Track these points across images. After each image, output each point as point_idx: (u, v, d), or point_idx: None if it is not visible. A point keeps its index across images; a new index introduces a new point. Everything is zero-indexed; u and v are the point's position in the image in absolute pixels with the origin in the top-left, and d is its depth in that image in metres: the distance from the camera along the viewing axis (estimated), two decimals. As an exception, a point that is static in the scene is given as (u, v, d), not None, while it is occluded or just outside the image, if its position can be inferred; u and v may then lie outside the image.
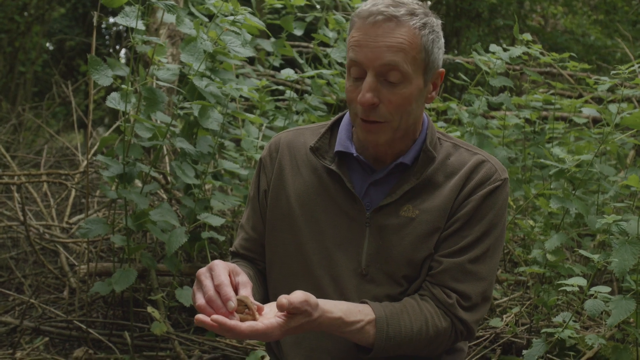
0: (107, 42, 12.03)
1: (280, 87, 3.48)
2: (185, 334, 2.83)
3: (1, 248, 3.93)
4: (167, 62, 2.75)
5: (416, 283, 1.50)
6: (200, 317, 1.21)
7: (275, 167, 1.59)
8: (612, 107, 3.03)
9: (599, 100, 4.44)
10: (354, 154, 1.51)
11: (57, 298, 3.28)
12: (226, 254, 3.14)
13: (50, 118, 8.34)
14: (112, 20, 11.71)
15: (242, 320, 1.23)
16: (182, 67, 2.85)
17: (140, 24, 2.40)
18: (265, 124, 3.40)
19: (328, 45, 3.65)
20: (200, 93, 2.71)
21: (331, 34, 3.53)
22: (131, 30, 2.44)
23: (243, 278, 1.31)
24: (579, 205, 2.61)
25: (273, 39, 3.43)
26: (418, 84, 1.43)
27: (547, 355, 2.38)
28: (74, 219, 4.09)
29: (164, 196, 3.75)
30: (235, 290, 1.29)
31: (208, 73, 2.76)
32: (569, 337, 2.20)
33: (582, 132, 3.53)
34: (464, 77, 3.37)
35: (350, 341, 1.41)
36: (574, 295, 2.76)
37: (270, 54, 3.78)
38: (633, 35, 8.43)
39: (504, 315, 2.85)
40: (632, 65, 2.73)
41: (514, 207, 3.31)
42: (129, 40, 2.50)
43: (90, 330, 2.78)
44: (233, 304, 1.23)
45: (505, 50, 3.13)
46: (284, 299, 1.24)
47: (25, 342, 2.84)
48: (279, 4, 3.37)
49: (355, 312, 1.37)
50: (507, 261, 3.49)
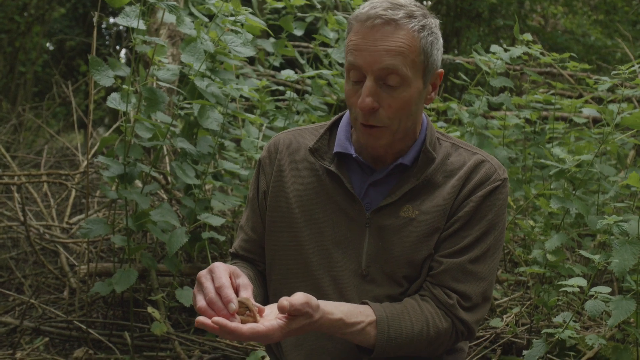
0: (107, 42, 12.03)
1: (281, 88, 3.48)
2: (186, 334, 2.83)
3: (1, 248, 3.92)
4: (168, 63, 2.75)
5: (416, 283, 1.49)
6: (201, 319, 1.21)
7: (275, 168, 1.59)
8: (612, 107, 3.03)
9: (599, 100, 4.44)
10: (353, 155, 1.51)
11: (57, 298, 3.28)
12: (226, 254, 3.14)
13: (50, 118, 8.35)
14: (113, 20, 11.72)
15: (243, 322, 1.23)
16: (182, 67, 2.85)
17: (142, 24, 2.40)
18: (266, 124, 3.40)
19: (329, 46, 3.65)
20: (201, 93, 2.71)
21: (332, 34, 3.53)
22: (132, 30, 2.44)
23: (244, 280, 1.31)
24: (579, 206, 2.61)
25: (272, 39, 3.43)
26: (417, 87, 1.42)
27: (548, 356, 2.38)
28: (74, 219, 4.09)
29: (164, 196, 3.75)
30: (236, 292, 1.28)
31: (208, 73, 2.76)
32: (569, 338, 2.20)
33: (583, 132, 3.53)
34: (464, 77, 3.37)
35: (351, 342, 1.41)
36: (574, 296, 2.76)
37: (269, 54, 3.77)
38: (633, 36, 8.42)
39: (505, 316, 2.85)
40: (632, 66, 2.73)
41: (514, 207, 3.31)
42: (129, 41, 2.50)
43: (91, 331, 2.78)
44: (234, 306, 1.23)
45: (506, 50, 3.13)
46: (285, 301, 1.24)
47: (25, 343, 2.84)
48: (280, 5, 3.37)
49: (356, 313, 1.37)
50: (507, 261, 3.49)
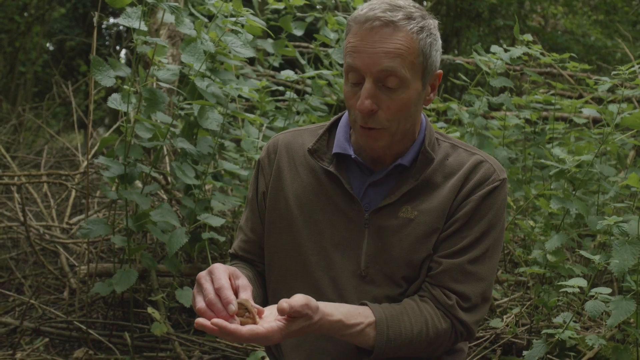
0: (107, 43, 12.03)
1: (281, 88, 3.48)
2: (186, 335, 2.83)
3: (1, 249, 3.92)
4: (167, 63, 2.75)
5: (415, 284, 1.49)
6: (201, 320, 1.20)
7: (274, 169, 1.58)
8: (612, 108, 3.03)
9: (599, 101, 4.44)
10: (352, 156, 1.51)
11: (57, 299, 3.28)
12: (227, 255, 3.14)
13: (50, 118, 8.35)
14: (113, 20, 11.72)
15: (242, 324, 1.23)
16: (182, 68, 2.85)
17: (143, 25, 2.40)
18: (266, 125, 3.40)
19: (329, 46, 3.65)
20: (200, 93, 2.71)
21: (332, 34, 3.53)
22: (133, 30, 2.44)
23: (243, 281, 1.31)
24: (579, 206, 2.61)
25: (270, 40, 3.42)
26: (416, 88, 1.42)
27: (548, 356, 2.38)
28: (74, 220, 4.09)
29: (164, 197, 3.75)
30: (236, 293, 1.28)
31: (208, 73, 2.76)
32: (570, 338, 2.20)
33: (583, 133, 3.53)
34: (464, 77, 3.37)
35: (351, 343, 1.41)
36: (574, 296, 2.76)
37: (269, 54, 3.77)
38: (633, 36, 8.42)
39: (505, 316, 2.85)
40: (632, 66, 2.73)
41: (514, 207, 3.31)
42: (129, 41, 2.51)
43: (91, 331, 2.78)
44: (233, 307, 1.23)
45: (506, 50, 3.13)
46: (284, 303, 1.23)
47: (26, 343, 2.84)
48: (281, 5, 3.36)
49: (355, 314, 1.37)
50: (507, 262, 3.49)
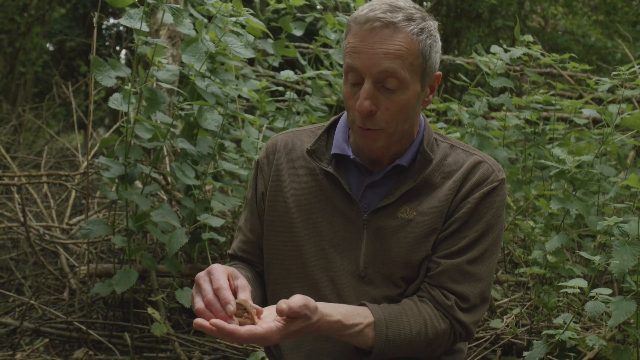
0: (107, 43, 12.04)
1: (281, 88, 3.48)
2: (186, 335, 2.83)
3: (1, 249, 3.92)
4: (167, 63, 2.74)
5: (414, 284, 1.49)
6: (199, 321, 1.20)
7: (273, 170, 1.59)
8: (612, 108, 3.02)
9: (599, 101, 4.44)
10: (351, 157, 1.51)
11: (57, 299, 3.28)
12: (227, 255, 3.14)
13: (50, 119, 8.35)
14: (113, 21, 11.72)
15: (241, 324, 1.23)
16: (182, 68, 2.85)
17: (144, 25, 2.40)
18: (266, 125, 3.40)
19: (329, 47, 3.65)
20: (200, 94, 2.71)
21: (333, 35, 3.53)
22: (133, 31, 2.44)
23: (242, 282, 1.31)
24: (579, 206, 2.61)
25: (270, 40, 3.42)
26: (415, 90, 1.42)
27: (548, 357, 2.37)
28: (74, 220, 4.09)
29: (165, 197, 3.75)
30: (234, 293, 1.28)
31: (208, 74, 2.76)
32: (570, 339, 2.20)
33: (583, 133, 3.53)
34: (464, 78, 3.36)
35: (350, 344, 1.41)
36: (574, 297, 2.76)
37: (267, 54, 3.77)
38: (633, 36, 8.43)
39: (505, 317, 2.85)
40: (632, 66, 2.73)
41: (515, 208, 3.31)
42: (129, 41, 2.51)
43: (91, 332, 2.78)
44: (232, 307, 1.23)
45: (506, 51, 3.13)
46: (283, 304, 1.23)
47: (25, 344, 2.84)
48: (282, 6, 3.36)
49: (354, 315, 1.37)
50: (507, 262, 3.49)
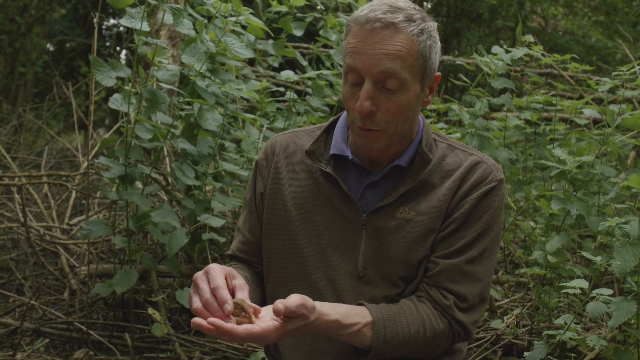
0: (108, 44, 12.04)
1: (281, 89, 3.47)
2: (186, 336, 2.83)
3: (2, 249, 3.92)
4: (168, 64, 2.74)
5: (413, 284, 1.49)
6: (197, 320, 1.21)
7: (272, 170, 1.59)
8: (613, 108, 3.02)
9: (599, 102, 4.43)
10: (349, 157, 1.51)
11: (57, 299, 3.28)
12: (227, 256, 3.14)
13: (50, 119, 8.35)
14: (113, 21, 11.73)
15: (238, 324, 1.23)
16: (182, 68, 2.85)
17: (145, 26, 2.40)
18: (266, 125, 3.40)
19: (330, 47, 3.64)
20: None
21: (334, 36, 3.52)
22: (134, 31, 2.44)
23: (240, 281, 1.31)
24: (580, 207, 2.61)
25: (271, 40, 3.42)
26: (415, 90, 1.42)
27: (548, 357, 2.37)
28: (75, 221, 4.09)
29: (165, 197, 3.75)
30: (232, 293, 1.28)
31: (208, 74, 2.76)
32: (570, 339, 2.20)
33: (583, 134, 3.52)
34: (464, 78, 3.36)
35: (348, 344, 1.41)
36: (575, 297, 2.75)
37: (267, 54, 3.77)
38: (633, 37, 8.43)
39: (505, 317, 2.85)
40: (633, 67, 2.73)
41: (515, 208, 3.31)
42: (129, 42, 2.50)
43: (91, 332, 2.78)
44: (229, 306, 1.23)
45: (507, 51, 3.13)
46: (280, 304, 1.23)
47: (26, 344, 2.84)
48: (284, 9, 3.36)
49: (352, 314, 1.37)
50: (508, 262, 3.48)
